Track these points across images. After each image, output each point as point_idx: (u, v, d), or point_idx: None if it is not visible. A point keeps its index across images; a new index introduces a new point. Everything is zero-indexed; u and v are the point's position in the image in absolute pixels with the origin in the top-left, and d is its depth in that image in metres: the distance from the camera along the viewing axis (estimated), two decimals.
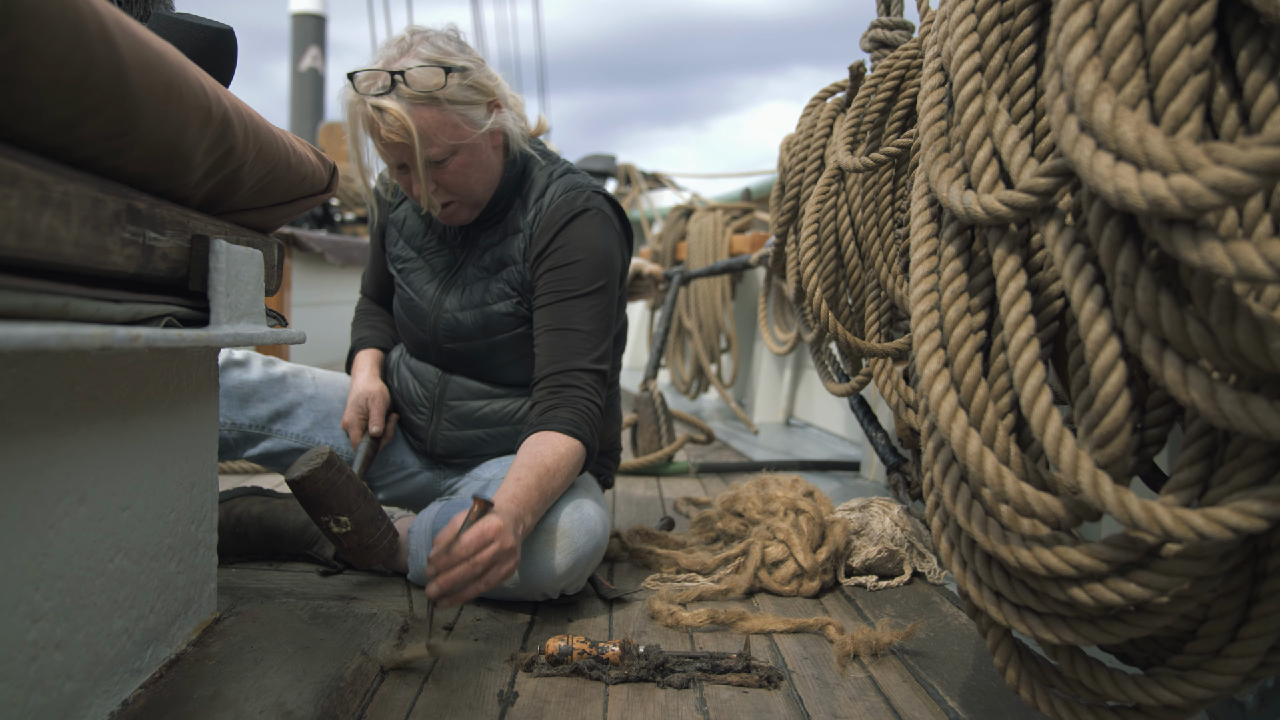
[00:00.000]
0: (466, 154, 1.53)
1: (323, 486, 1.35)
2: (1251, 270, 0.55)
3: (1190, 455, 0.72)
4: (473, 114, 1.52)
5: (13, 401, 0.75)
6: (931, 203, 0.93)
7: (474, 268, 1.67)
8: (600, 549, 1.50)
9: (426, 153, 1.49)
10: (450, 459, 1.75)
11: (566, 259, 1.57)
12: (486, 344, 1.65)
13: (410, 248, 1.75)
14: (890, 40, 1.74)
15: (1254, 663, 0.76)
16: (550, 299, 1.57)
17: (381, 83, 1.46)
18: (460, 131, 1.51)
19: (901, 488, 1.92)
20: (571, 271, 1.57)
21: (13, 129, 0.65)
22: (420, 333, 1.71)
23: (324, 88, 10.81)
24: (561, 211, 1.59)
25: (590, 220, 1.59)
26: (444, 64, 1.48)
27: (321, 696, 1.02)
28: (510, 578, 1.31)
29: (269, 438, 1.77)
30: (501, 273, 1.64)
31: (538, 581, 1.42)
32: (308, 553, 1.62)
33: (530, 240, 1.61)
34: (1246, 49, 0.65)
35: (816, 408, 3.82)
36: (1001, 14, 0.85)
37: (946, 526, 0.91)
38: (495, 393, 1.70)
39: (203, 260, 0.97)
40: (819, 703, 1.14)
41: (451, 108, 1.49)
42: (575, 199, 1.60)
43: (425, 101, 1.47)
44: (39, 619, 0.79)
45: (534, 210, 1.62)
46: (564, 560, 1.42)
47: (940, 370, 0.83)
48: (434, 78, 1.47)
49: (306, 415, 1.78)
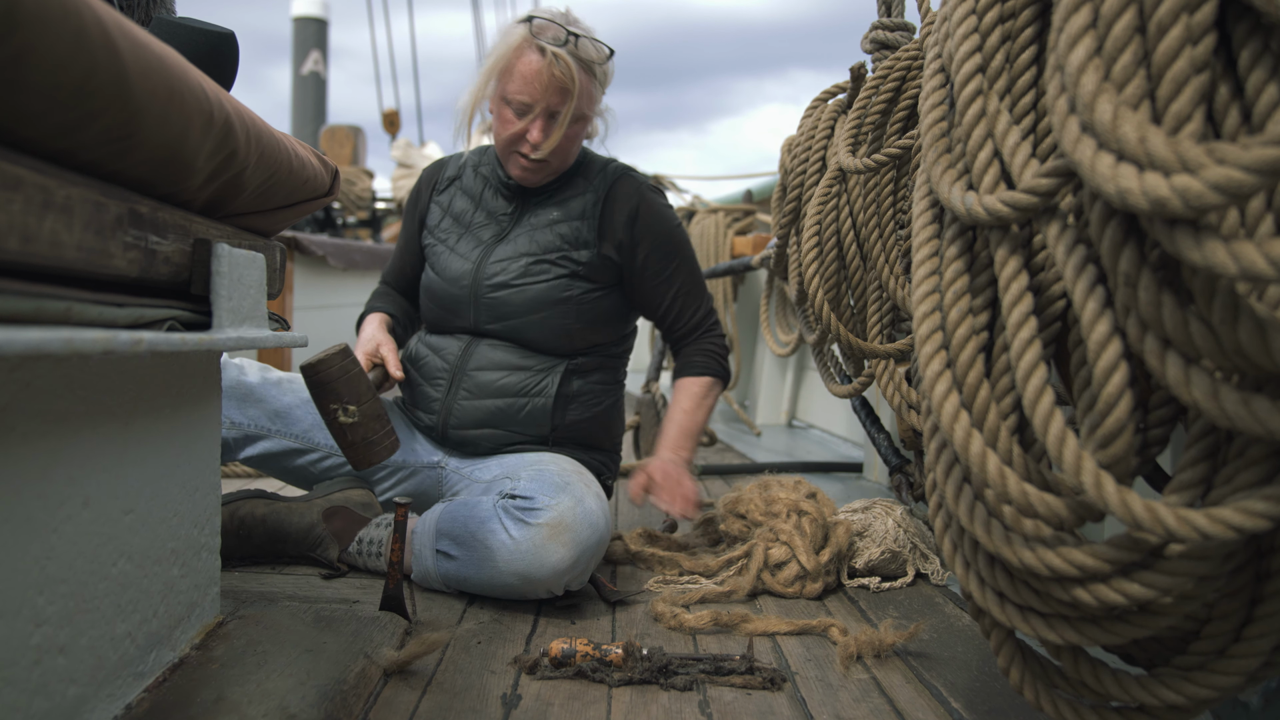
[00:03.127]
0: (580, 125, 1.72)
1: (336, 373, 1.41)
2: (1254, 270, 0.55)
3: (1193, 455, 0.72)
4: (598, 97, 1.74)
5: (16, 405, 0.75)
6: (933, 204, 0.92)
7: (522, 228, 1.80)
8: (602, 543, 1.52)
9: (569, 107, 1.66)
10: (461, 431, 1.75)
11: (657, 234, 1.80)
12: (524, 295, 1.74)
13: (457, 224, 1.87)
14: (891, 41, 1.74)
15: (1258, 662, 0.76)
16: (661, 276, 1.81)
17: (558, 36, 1.64)
18: (591, 105, 1.72)
19: (904, 489, 1.92)
20: (669, 250, 1.81)
21: (15, 133, 0.65)
22: (458, 290, 1.79)
23: (325, 91, 10.81)
24: (629, 189, 1.80)
25: (658, 197, 1.84)
26: (605, 47, 1.71)
27: (325, 700, 1.02)
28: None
29: (268, 437, 1.78)
30: (555, 227, 1.78)
31: (541, 576, 1.43)
32: (311, 555, 1.62)
33: (601, 217, 1.78)
34: (1248, 48, 0.64)
35: (819, 409, 3.82)
36: (1002, 15, 0.85)
37: (949, 527, 0.91)
38: (518, 364, 1.75)
39: (205, 264, 0.97)
40: (822, 704, 1.14)
41: (595, 83, 1.71)
42: (638, 180, 1.83)
43: (585, 68, 1.67)
44: (42, 623, 0.79)
45: (598, 179, 1.81)
46: (567, 554, 1.43)
47: (943, 371, 0.83)
48: (597, 53, 1.69)
49: (306, 415, 1.78)
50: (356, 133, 6.96)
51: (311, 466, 1.80)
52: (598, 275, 1.77)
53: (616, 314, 1.83)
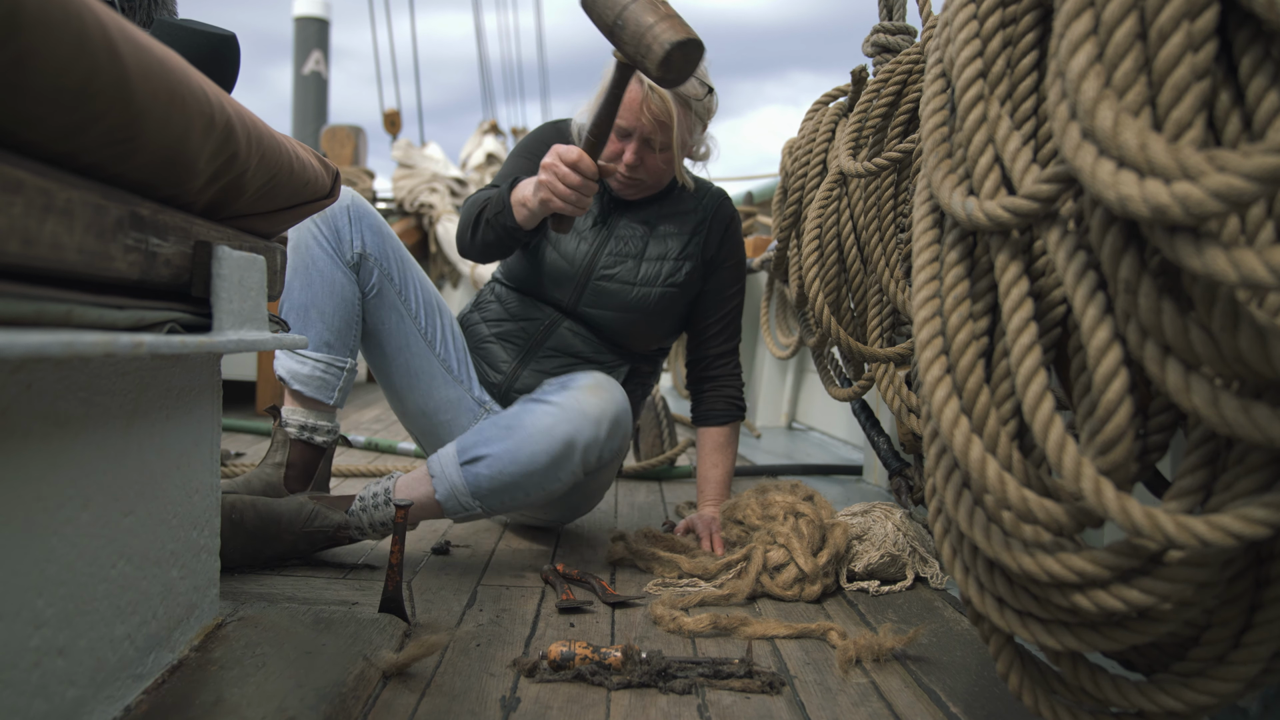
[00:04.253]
0: (673, 152, 1.84)
1: None
2: (1254, 277, 0.55)
3: (1192, 462, 0.72)
4: (695, 129, 1.87)
5: (16, 407, 0.75)
6: (934, 208, 0.93)
7: (631, 231, 1.93)
8: (629, 425, 1.69)
9: (663, 137, 1.80)
10: (522, 394, 1.83)
11: (735, 265, 2.00)
12: (634, 295, 1.88)
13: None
14: (892, 45, 1.74)
15: (1257, 669, 0.76)
16: (722, 298, 1.99)
17: None
18: (685, 136, 1.84)
19: (904, 492, 1.92)
20: (738, 275, 2.01)
21: (16, 136, 0.65)
22: (568, 267, 1.88)
23: (327, 92, 10.81)
24: (728, 216, 1.99)
25: (738, 225, 2.03)
26: (705, 83, 1.83)
27: (324, 702, 1.02)
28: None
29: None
30: (669, 240, 1.92)
31: (585, 432, 1.57)
32: (309, 529, 1.58)
33: (707, 235, 1.95)
34: (1249, 55, 0.65)
35: (818, 412, 3.82)
36: (1004, 20, 0.85)
37: (949, 532, 0.91)
38: (591, 357, 1.89)
39: (205, 266, 0.97)
40: (821, 708, 1.14)
41: (691, 116, 1.84)
42: (733, 205, 2.02)
43: (682, 102, 1.79)
44: (42, 625, 0.79)
45: (708, 205, 1.98)
46: (607, 407, 1.62)
47: (943, 376, 0.83)
48: (697, 90, 1.81)
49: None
50: (357, 133, 6.96)
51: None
52: (690, 289, 1.94)
53: (681, 324, 2.02)
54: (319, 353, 1.77)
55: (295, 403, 1.79)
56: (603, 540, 1.94)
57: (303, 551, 1.62)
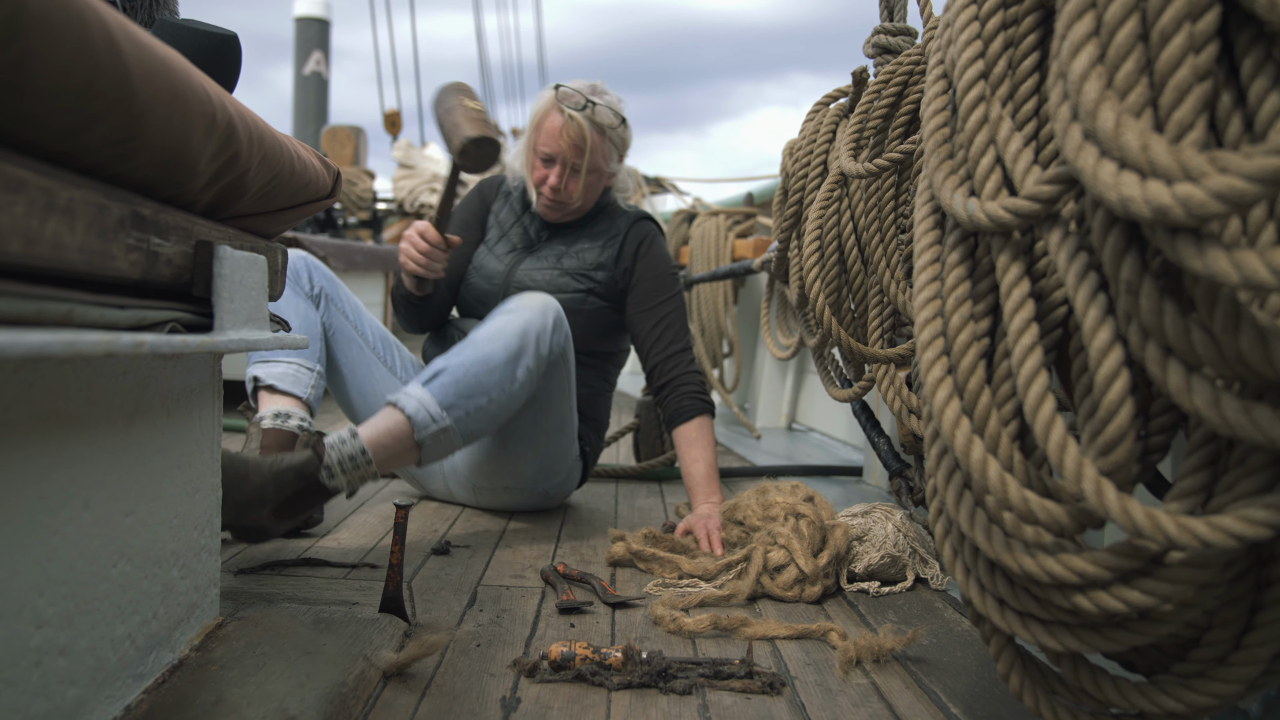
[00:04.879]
0: (594, 176, 2.14)
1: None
2: (1255, 278, 0.55)
3: (1194, 463, 0.72)
4: (613, 156, 2.17)
5: (17, 407, 0.75)
6: (935, 209, 0.93)
7: (551, 249, 2.22)
8: (565, 320, 1.92)
9: (583, 160, 2.08)
10: None
11: (656, 275, 2.18)
12: (550, 286, 2.15)
13: (498, 229, 2.30)
14: (893, 46, 1.74)
15: (1258, 670, 0.76)
16: (651, 303, 2.16)
17: (579, 103, 2.06)
18: (604, 161, 2.13)
19: (904, 493, 1.92)
20: (662, 283, 2.19)
21: (18, 136, 0.65)
22: (490, 286, 2.20)
23: (327, 92, 10.80)
24: (643, 234, 2.21)
25: (660, 242, 2.24)
26: (619, 115, 2.12)
27: (324, 702, 1.02)
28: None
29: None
30: (583, 253, 2.19)
31: (533, 321, 1.81)
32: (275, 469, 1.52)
33: (620, 247, 2.20)
34: (1250, 57, 0.65)
35: (819, 413, 3.82)
36: (1005, 21, 0.85)
37: (950, 533, 0.91)
38: None
39: (206, 266, 0.97)
40: (821, 709, 1.14)
41: (608, 145, 2.12)
42: (653, 224, 2.25)
43: (599, 130, 2.09)
44: (43, 624, 0.79)
45: (622, 225, 2.23)
46: (550, 299, 1.89)
47: (944, 377, 0.83)
48: (610, 120, 2.09)
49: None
50: (358, 133, 6.96)
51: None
52: (608, 294, 2.17)
53: (615, 329, 2.22)
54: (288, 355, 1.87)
55: (269, 401, 1.83)
56: (603, 541, 1.94)
57: (271, 499, 1.52)
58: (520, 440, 1.99)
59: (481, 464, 2.05)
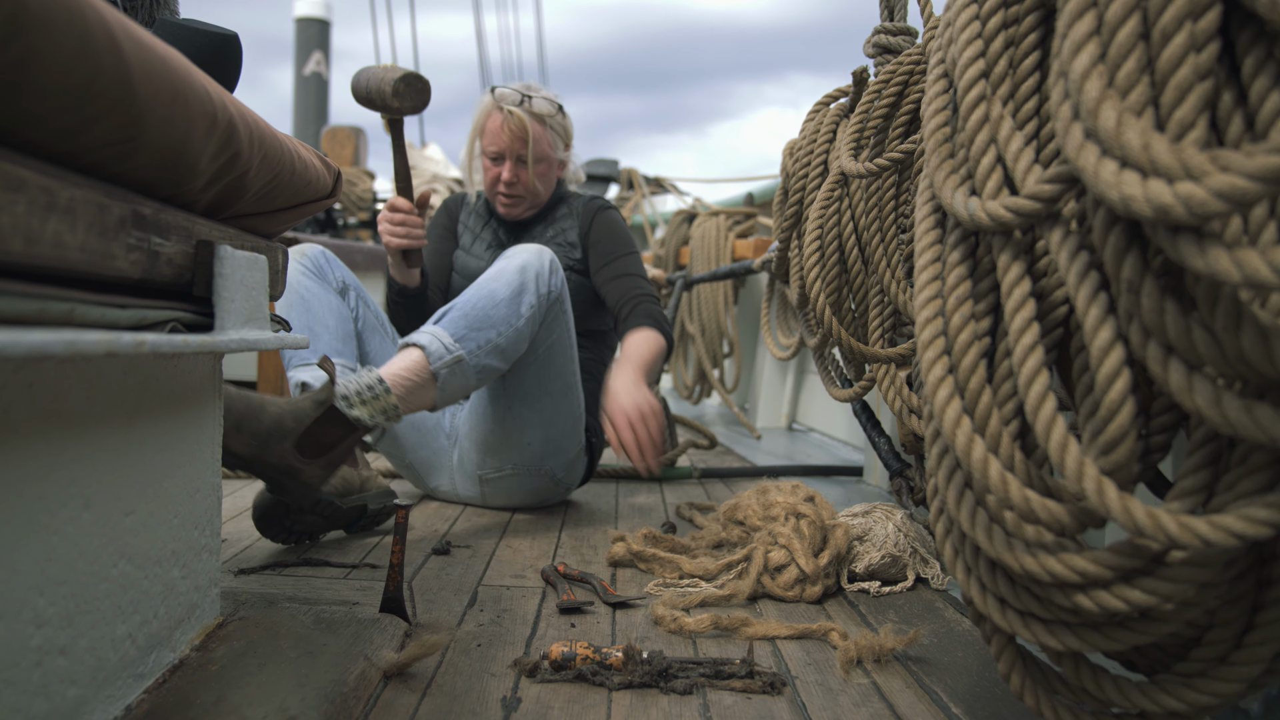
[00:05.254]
0: (544, 165, 2.28)
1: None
2: (1257, 277, 0.55)
3: (1195, 462, 0.72)
4: (558, 143, 2.31)
5: (18, 406, 0.75)
6: (935, 209, 0.93)
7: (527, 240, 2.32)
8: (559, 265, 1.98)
9: (528, 150, 2.22)
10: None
11: (610, 233, 2.32)
12: None
13: (471, 235, 2.44)
14: (894, 46, 1.74)
15: (1259, 669, 0.76)
16: (608, 258, 2.28)
17: (515, 99, 2.22)
18: (550, 148, 2.28)
19: (905, 493, 1.92)
20: (616, 239, 2.31)
21: (19, 135, 0.65)
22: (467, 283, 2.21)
23: (328, 92, 10.81)
24: (597, 205, 2.38)
25: (614, 212, 2.39)
26: (555, 103, 2.28)
27: (324, 702, 1.02)
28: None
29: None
30: (554, 240, 2.33)
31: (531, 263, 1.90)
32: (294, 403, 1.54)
33: (580, 221, 2.34)
34: (1251, 56, 0.65)
35: (819, 413, 3.82)
36: (1006, 20, 0.85)
37: (950, 533, 0.91)
38: None
39: (207, 266, 0.97)
40: (822, 709, 1.14)
41: (550, 133, 2.27)
42: (608, 201, 2.40)
43: (539, 120, 2.24)
44: (43, 624, 0.79)
45: (578, 205, 2.39)
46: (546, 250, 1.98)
47: (944, 376, 0.83)
48: (548, 109, 2.25)
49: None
50: (358, 134, 6.96)
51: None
52: (587, 268, 2.30)
53: (603, 303, 2.30)
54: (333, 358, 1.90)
55: None
56: (603, 541, 1.94)
57: (290, 430, 1.53)
58: (525, 402, 2.02)
59: (487, 437, 2.06)
